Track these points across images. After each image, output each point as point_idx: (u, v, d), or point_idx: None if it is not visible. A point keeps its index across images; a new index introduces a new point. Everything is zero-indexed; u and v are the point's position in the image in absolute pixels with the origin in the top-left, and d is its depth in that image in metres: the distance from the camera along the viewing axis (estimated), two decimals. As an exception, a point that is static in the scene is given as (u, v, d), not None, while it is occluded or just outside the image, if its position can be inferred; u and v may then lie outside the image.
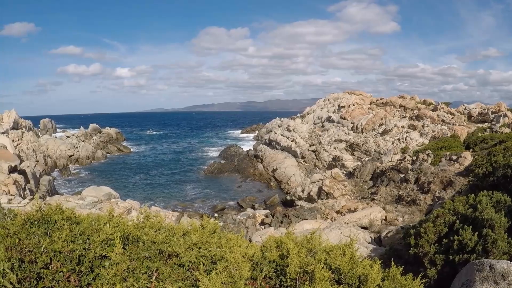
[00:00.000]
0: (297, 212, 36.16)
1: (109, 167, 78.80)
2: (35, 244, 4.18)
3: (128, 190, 55.17)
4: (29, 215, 4.79)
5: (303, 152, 65.28)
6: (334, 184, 41.24)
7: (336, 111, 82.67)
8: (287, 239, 5.20)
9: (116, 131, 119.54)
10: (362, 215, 29.50)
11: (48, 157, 75.35)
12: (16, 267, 3.89)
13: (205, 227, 4.88)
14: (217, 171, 68.24)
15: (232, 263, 4.04)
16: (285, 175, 56.90)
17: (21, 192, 33.29)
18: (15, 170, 36.30)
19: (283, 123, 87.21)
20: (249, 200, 47.61)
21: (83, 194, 31.78)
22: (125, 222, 4.91)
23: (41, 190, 40.88)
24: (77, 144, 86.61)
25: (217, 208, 45.22)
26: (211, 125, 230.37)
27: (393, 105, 76.56)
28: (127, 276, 3.85)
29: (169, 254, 4.23)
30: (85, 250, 4.14)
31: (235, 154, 78.06)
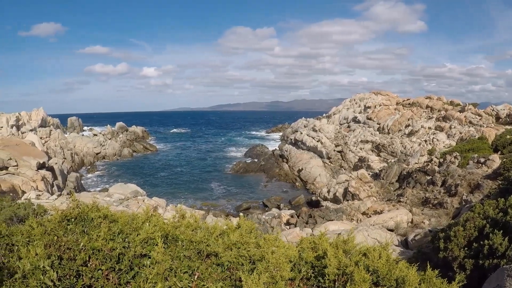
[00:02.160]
0: (322, 213, 36.02)
1: (135, 165, 79.34)
2: (73, 242, 4.21)
3: (154, 188, 55.46)
4: (66, 212, 4.84)
5: (329, 153, 65.06)
6: (360, 185, 40.98)
7: (362, 111, 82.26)
8: (322, 240, 5.19)
9: (142, 130, 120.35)
10: (388, 217, 29.23)
11: (75, 155, 76.22)
12: (56, 265, 3.92)
13: (241, 226, 4.88)
14: (243, 171, 68.30)
15: (273, 264, 4.04)
16: (310, 175, 56.75)
17: (49, 188, 33.69)
18: (43, 166, 36.73)
19: (309, 123, 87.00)
20: (275, 200, 47.60)
21: (110, 191, 32.05)
22: (162, 221, 4.93)
23: (69, 186, 41.31)
24: (104, 142, 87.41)
25: (242, 208, 45.24)
26: (236, 124, 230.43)
27: (419, 106, 75.85)
28: (168, 276, 3.87)
29: (207, 253, 4.23)
30: (124, 248, 4.16)
31: (261, 154, 78.11)
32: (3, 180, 29.39)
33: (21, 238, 4.53)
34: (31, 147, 42.18)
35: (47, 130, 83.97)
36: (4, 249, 4.36)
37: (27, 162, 35.06)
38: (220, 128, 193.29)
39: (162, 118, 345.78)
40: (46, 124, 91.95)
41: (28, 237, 4.55)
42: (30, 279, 3.76)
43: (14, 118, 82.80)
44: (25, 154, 36.90)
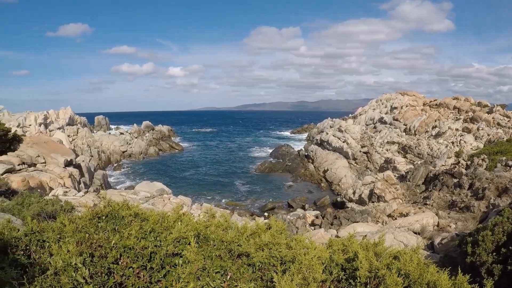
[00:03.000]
0: (347, 214, 35.86)
1: (161, 164, 79.84)
2: (104, 239, 4.23)
3: (180, 186, 55.72)
4: (97, 210, 4.88)
5: (354, 154, 64.75)
6: (386, 187, 40.70)
7: (388, 112, 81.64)
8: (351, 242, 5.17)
9: (168, 129, 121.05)
10: (414, 220, 28.96)
11: (102, 153, 77.02)
12: (87, 262, 3.95)
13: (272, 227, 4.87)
14: (268, 170, 68.33)
15: (306, 265, 4.02)
16: (336, 176, 56.52)
17: (76, 185, 34.03)
18: (71, 164, 37.11)
19: (335, 124, 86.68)
20: (300, 200, 47.49)
21: (136, 189, 32.28)
22: (193, 220, 4.94)
23: (95, 184, 41.70)
24: (130, 141, 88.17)
25: (267, 207, 45.23)
26: (262, 124, 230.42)
27: (447, 107, 75.02)
28: (200, 275, 3.88)
29: (239, 253, 4.23)
30: (156, 247, 4.17)
31: (286, 154, 77.99)
32: (31, 176, 29.73)
33: (52, 234, 4.58)
34: (59, 145, 42.64)
35: (74, 128, 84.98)
36: (35, 245, 4.41)
37: (55, 159, 35.45)
38: (246, 128, 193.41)
39: (188, 118, 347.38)
40: (74, 123, 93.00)
41: (59, 234, 4.59)
42: (62, 275, 3.79)
43: (42, 116, 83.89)
44: (53, 151, 37.31)
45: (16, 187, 25.65)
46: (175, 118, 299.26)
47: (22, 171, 31.13)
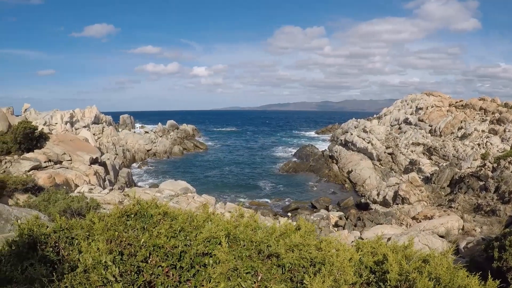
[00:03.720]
0: (371, 216, 35.69)
1: (185, 162, 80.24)
2: (134, 238, 4.25)
3: (203, 185, 55.90)
4: (126, 208, 4.91)
5: (379, 154, 64.34)
6: (411, 189, 40.38)
7: (413, 112, 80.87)
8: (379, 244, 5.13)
9: (192, 128, 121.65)
10: (439, 223, 28.67)
11: (127, 151, 77.69)
12: (117, 260, 3.98)
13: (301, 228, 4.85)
14: (292, 170, 68.26)
15: (337, 267, 4.01)
16: (360, 177, 56.23)
17: (101, 183, 34.28)
18: (96, 161, 37.40)
19: (360, 124, 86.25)
20: (323, 201, 47.34)
21: (161, 187, 32.44)
22: (224, 220, 4.94)
23: (120, 181, 41.98)
24: (155, 139, 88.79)
25: (290, 208, 45.17)
26: (286, 124, 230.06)
27: (473, 108, 74.03)
28: (231, 276, 3.88)
29: (268, 254, 4.22)
30: (186, 246, 4.18)
31: (310, 154, 77.74)
32: (57, 173, 30.03)
33: (81, 232, 4.62)
34: (84, 143, 43.00)
35: (100, 127, 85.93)
36: (64, 242, 4.45)
37: (80, 157, 35.76)
38: (270, 128, 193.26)
39: (213, 117, 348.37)
40: (99, 121, 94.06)
41: (88, 231, 4.63)
42: (92, 273, 3.81)
43: (68, 115, 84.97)
44: (78, 149, 37.64)
45: (42, 184, 25.96)
46: (199, 117, 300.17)
47: (48, 168, 31.48)
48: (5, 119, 41.50)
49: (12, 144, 32.90)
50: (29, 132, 34.20)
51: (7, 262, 4.13)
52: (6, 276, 3.93)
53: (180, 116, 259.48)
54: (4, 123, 39.75)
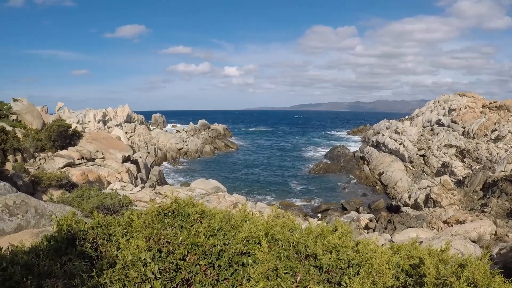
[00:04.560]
0: (402, 219, 35.41)
1: (216, 162, 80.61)
2: (172, 236, 4.30)
3: (234, 184, 56.10)
4: (164, 206, 4.97)
5: (411, 156, 63.68)
6: (443, 192, 39.92)
7: (446, 114, 79.79)
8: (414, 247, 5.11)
9: (224, 127, 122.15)
10: (471, 228, 28.30)
11: (158, 149, 78.48)
12: (156, 258, 4.04)
13: (338, 229, 4.86)
14: (323, 171, 68.06)
15: (376, 269, 4.00)
16: (391, 179, 55.77)
17: (132, 180, 34.65)
18: (128, 159, 37.80)
19: (391, 125, 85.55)
20: (354, 202, 47.13)
21: (192, 185, 32.65)
22: (262, 220, 4.96)
23: (151, 179, 42.34)
24: (186, 139, 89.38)
25: (320, 209, 45.09)
26: (317, 124, 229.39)
27: (507, 109, 72.68)
28: (269, 275, 3.90)
29: (306, 255, 4.24)
30: (224, 245, 4.22)
31: (341, 155, 77.37)
32: (90, 170, 30.44)
33: (119, 228, 4.69)
34: (117, 141, 43.50)
35: (132, 125, 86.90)
36: (102, 239, 4.53)
37: (113, 155, 36.19)
38: (301, 128, 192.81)
39: (244, 117, 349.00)
40: (131, 120, 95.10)
41: (126, 228, 4.70)
42: (131, 270, 3.88)
43: (101, 113, 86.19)
44: (111, 147, 38.09)
45: (75, 181, 26.36)
46: (230, 117, 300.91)
47: (81, 165, 31.94)
48: (40, 117, 42.23)
49: (46, 141, 33.47)
50: (63, 130, 34.78)
51: (46, 257, 4.21)
52: (45, 270, 4.02)
53: (211, 115, 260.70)
54: (38, 121, 40.45)
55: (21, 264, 4.06)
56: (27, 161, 29.59)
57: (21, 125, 38.53)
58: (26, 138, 33.21)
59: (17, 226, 9.79)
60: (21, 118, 40.58)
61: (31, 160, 30.38)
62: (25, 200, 10.63)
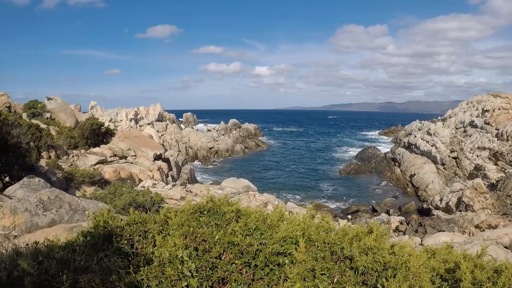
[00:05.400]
0: (433, 222, 35.06)
1: (246, 161, 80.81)
2: (209, 234, 4.33)
3: (264, 184, 56.18)
4: (200, 204, 5.00)
5: (443, 158, 62.87)
6: (475, 195, 39.34)
7: (479, 115, 78.46)
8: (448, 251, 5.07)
9: (254, 127, 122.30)
10: (503, 233, 27.71)
11: (189, 148, 79.05)
12: (193, 256, 4.06)
13: (374, 231, 4.83)
14: (353, 172, 67.71)
15: (413, 272, 3.97)
16: (423, 181, 55.16)
17: (163, 178, 34.90)
18: (160, 158, 38.08)
19: (424, 126, 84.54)
20: (384, 204, 46.81)
21: (223, 184, 32.74)
22: (299, 220, 4.96)
23: (182, 177, 42.60)
24: (217, 138, 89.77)
25: (350, 210, 44.87)
26: (349, 125, 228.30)
27: (543, 111, 71.42)
28: (306, 276, 3.90)
29: (342, 256, 4.23)
30: (261, 245, 4.25)
31: (372, 156, 76.78)
32: (122, 168, 30.74)
33: (154, 226, 4.73)
34: (148, 139, 43.88)
35: (163, 124, 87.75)
36: (138, 236, 4.57)
37: (144, 153, 36.50)
38: (332, 128, 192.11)
39: (275, 116, 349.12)
40: (163, 119, 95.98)
41: (162, 225, 4.75)
42: (168, 267, 3.91)
43: (133, 112, 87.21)
44: (143, 145, 38.43)
45: (108, 178, 26.68)
46: (261, 117, 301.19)
47: (114, 162, 32.29)
48: (73, 115, 42.87)
49: (80, 139, 33.95)
50: (96, 128, 35.26)
51: (82, 252, 4.27)
52: (81, 265, 4.07)
53: (242, 115, 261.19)
54: (72, 119, 41.06)
55: (57, 259, 4.12)
56: (60, 158, 30.04)
57: (55, 123, 39.19)
58: (60, 136, 33.73)
59: (50, 221, 9.95)
60: (55, 116, 41.28)
61: (64, 157, 30.84)
62: (59, 195, 10.80)
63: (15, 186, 13.26)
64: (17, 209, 9.76)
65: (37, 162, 22.82)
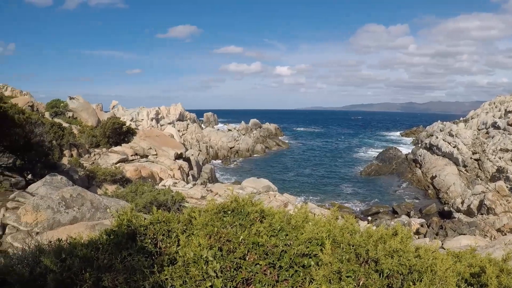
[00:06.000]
0: (454, 225, 34.78)
1: (266, 161, 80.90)
2: (233, 234, 4.32)
3: (284, 184, 56.18)
4: (224, 204, 4.99)
5: (465, 160, 62.25)
6: (497, 198, 38.91)
7: (502, 116, 77.55)
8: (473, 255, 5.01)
9: (275, 127, 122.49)
10: (525, 238, 27.50)
11: (210, 148, 79.38)
12: (218, 256, 4.05)
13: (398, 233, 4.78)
14: (374, 173, 67.42)
15: (440, 276, 3.93)
16: (444, 183, 54.66)
17: (184, 177, 35.01)
18: (180, 157, 38.21)
19: (445, 127, 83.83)
20: (405, 206, 46.49)
21: (243, 184, 32.75)
22: (324, 221, 4.93)
23: (203, 177, 42.73)
24: (238, 137, 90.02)
25: (371, 211, 44.69)
26: (369, 125, 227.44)
27: None
28: (332, 278, 3.87)
29: (366, 259, 4.19)
30: (286, 246, 4.23)
31: (393, 157, 76.33)
32: (143, 166, 30.88)
33: (178, 225, 4.73)
34: (169, 139, 44.03)
35: (184, 123, 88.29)
36: (162, 235, 4.57)
37: (165, 152, 36.64)
38: (353, 129, 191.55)
39: (295, 116, 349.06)
40: (184, 118, 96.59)
41: (185, 225, 4.74)
42: (192, 267, 3.90)
43: (154, 112, 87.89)
44: (164, 144, 38.58)
45: (129, 176, 26.82)
46: (282, 117, 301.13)
47: (135, 161, 32.45)
48: (95, 114, 43.26)
49: (101, 138, 34.22)
50: (117, 127, 35.52)
51: (106, 250, 4.27)
52: (104, 264, 4.07)
53: (262, 115, 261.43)
54: (94, 118, 41.44)
55: (80, 257, 4.13)
56: (82, 156, 30.27)
57: (77, 121, 39.59)
58: (82, 134, 34.04)
59: (72, 218, 10.05)
60: (77, 115, 41.72)
61: (86, 156, 31.07)
62: (81, 193, 10.89)
63: (37, 184, 13.37)
64: (40, 206, 9.85)
65: (60, 160, 23.02)
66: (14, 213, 9.93)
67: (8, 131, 15.10)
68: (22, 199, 11.08)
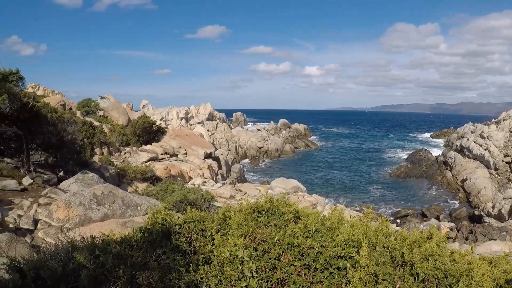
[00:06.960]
0: (484, 230, 34.32)
1: (295, 161, 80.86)
2: (268, 235, 4.33)
3: (313, 185, 56.04)
4: (258, 204, 5.00)
5: (496, 163, 61.28)
6: (529, 203, 38.34)
7: (534, 117, 76.33)
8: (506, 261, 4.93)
9: (304, 127, 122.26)
10: (555, 244, 27.01)
11: (239, 147, 79.59)
12: (253, 256, 4.06)
13: (433, 237, 4.73)
14: (403, 175, 66.85)
15: (477, 282, 3.89)
16: (475, 186, 53.90)
17: (213, 176, 35.13)
18: (210, 156, 38.36)
19: (477, 129, 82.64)
20: (434, 209, 45.99)
21: (272, 184, 32.73)
22: (361, 223, 4.91)
23: (232, 176, 42.85)
24: (267, 137, 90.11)
25: (400, 214, 44.34)
26: (399, 126, 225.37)
27: None
28: (368, 281, 3.85)
29: (401, 262, 4.16)
30: (322, 247, 4.22)
31: (423, 159, 75.52)
32: (173, 165, 31.06)
33: (212, 225, 4.75)
34: (199, 138, 44.23)
35: (213, 123, 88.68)
36: (196, 234, 4.59)
37: (195, 151, 36.82)
38: (382, 130, 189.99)
39: (324, 117, 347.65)
40: (213, 118, 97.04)
41: (219, 224, 4.76)
42: (228, 267, 3.92)
43: (184, 111, 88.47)
44: (193, 144, 38.76)
45: (159, 175, 27.01)
46: (311, 117, 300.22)
47: (165, 160, 32.68)
48: (126, 113, 43.69)
49: (132, 136, 34.54)
50: (147, 126, 35.81)
51: (140, 248, 4.31)
52: (138, 261, 4.10)
53: (292, 115, 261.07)
54: (124, 117, 41.85)
55: (113, 253, 4.17)
56: (113, 155, 30.56)
57: (107, 120, 40.02)
58: (112, 133, 34.40)
59: (103, 215, 10.17)
60: (107, 114, 42.17)
61: (116, 154, 31.37)
62: (112, 191, 11.01)
63: (69, 181, 13.55)
64: (71, 202, 9.99)
65: (91, 158, 23.29)
66: (46, 209, 10.07)
67: (41, 129, 15.34)
68: (54, 196, 11.24)
